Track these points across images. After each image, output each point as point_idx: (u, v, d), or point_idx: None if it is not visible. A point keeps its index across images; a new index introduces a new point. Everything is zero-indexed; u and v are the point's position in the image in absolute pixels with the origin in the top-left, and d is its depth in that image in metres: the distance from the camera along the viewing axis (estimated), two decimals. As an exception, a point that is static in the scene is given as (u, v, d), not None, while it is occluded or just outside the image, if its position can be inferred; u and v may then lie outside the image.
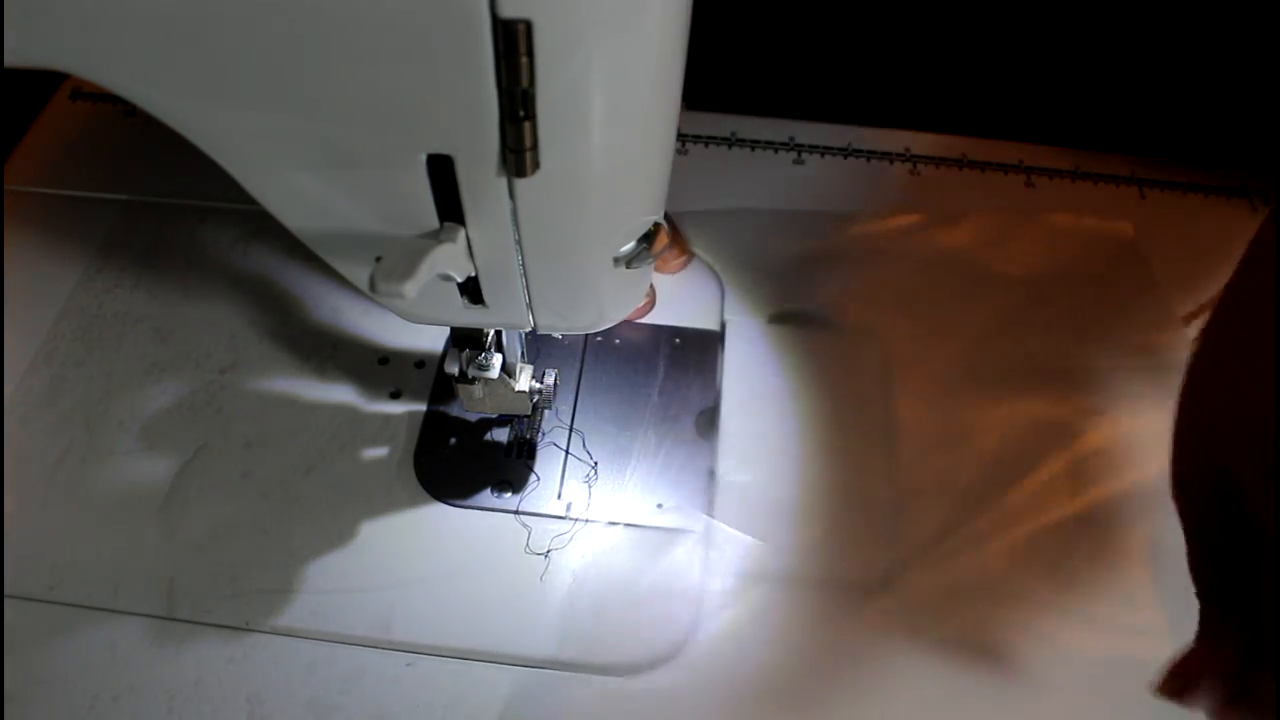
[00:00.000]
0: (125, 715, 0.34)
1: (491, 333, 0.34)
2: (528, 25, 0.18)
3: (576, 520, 0.38)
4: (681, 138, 0.50)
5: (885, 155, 0.51)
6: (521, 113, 0.19)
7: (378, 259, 0.22)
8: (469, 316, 0.29)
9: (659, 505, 0.39)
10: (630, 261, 0.26)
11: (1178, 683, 0.27)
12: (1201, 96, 0.54)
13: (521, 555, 0.37)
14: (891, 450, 0.40)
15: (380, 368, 0.42)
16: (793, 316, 0.45)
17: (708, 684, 0.35)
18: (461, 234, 0.24)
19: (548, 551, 0.37)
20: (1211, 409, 0.29)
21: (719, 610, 0.36)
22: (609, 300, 0.29)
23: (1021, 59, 0.55)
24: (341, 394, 0.42)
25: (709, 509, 0.39)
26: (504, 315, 0.29)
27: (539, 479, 0.39)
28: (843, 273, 0.46)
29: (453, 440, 0.40)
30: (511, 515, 0.38)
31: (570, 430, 0.40)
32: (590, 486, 0.39)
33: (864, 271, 0.46)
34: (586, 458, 0.40)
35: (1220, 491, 0.28)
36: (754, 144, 0.51)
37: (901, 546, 0.38)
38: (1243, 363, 0.28)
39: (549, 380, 0.37)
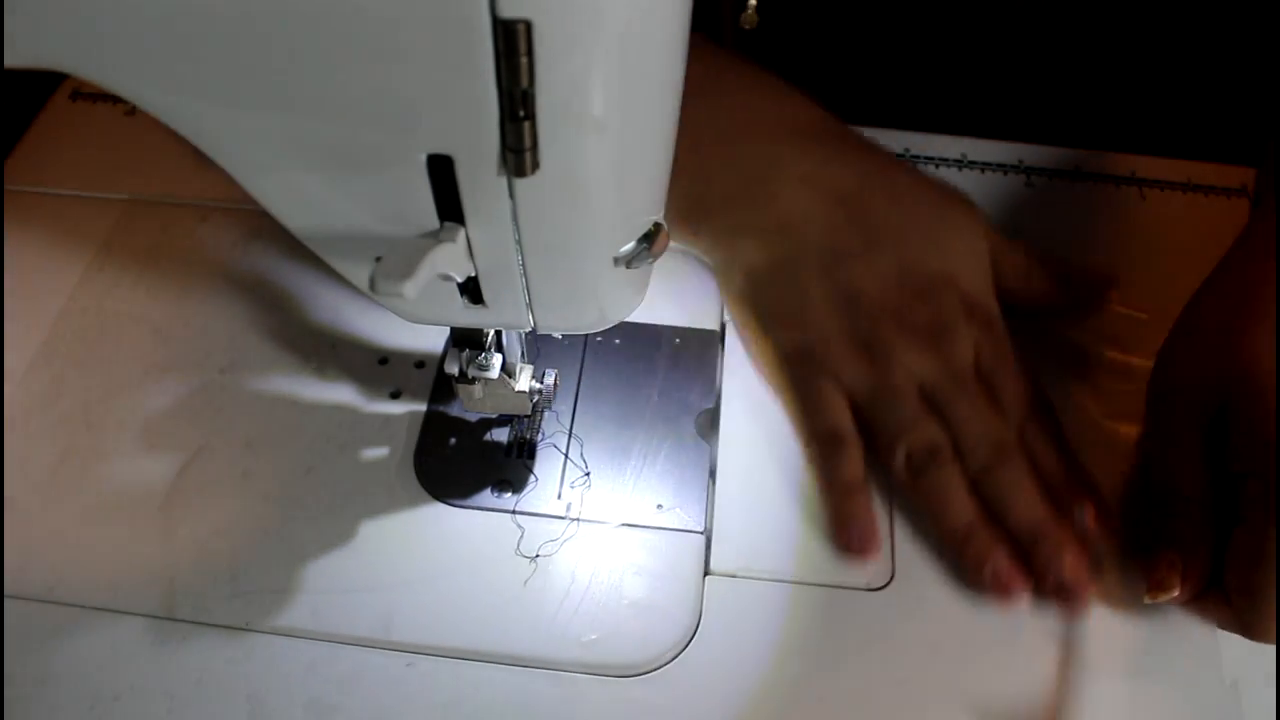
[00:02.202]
0: (125, 715, 0.34)
1: (491, 333, 0.34)
2: (528, 25, 0.18)
3: (576, 521, 0.38)
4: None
5: (885, 155, 0.51)
6: (521, 113, 0.19)
7: (378, 259, 0.22)
8: (469, 316, 0.29)
9: (659, 506, 0.39)
10: (630, 261, 0.26)
11: (1165, 591, 0.34)
12: (1202, 95, 0.54)
13: (522, 555, 0.37)
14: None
15: (380, 368, 0.42)
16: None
17: (708, 685, 0.35)
18: (461, 234, 0.24)
19: (535, 555, 0.37)
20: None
21: (719, 611, 0.36)
22: (609, 300, 0.29)
23: (1021, 59, 0.55)
24: (341, 394, 0.42)
25: (709, 510, 0.39)
26: (504, 315, 0.29)
27: (538, 479, 0.39)
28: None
29: (453, 440, 0.40)
30: (511, 515, 0.38)
31: (570, 433, 0.40)
32: (582, 494, 0.39)
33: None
34: (581, 464, 0.39)
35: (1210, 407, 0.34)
36: (754, 144, 0.51)
37: (902, 545, 0.38)
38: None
39: (549, 380, 0.37)
